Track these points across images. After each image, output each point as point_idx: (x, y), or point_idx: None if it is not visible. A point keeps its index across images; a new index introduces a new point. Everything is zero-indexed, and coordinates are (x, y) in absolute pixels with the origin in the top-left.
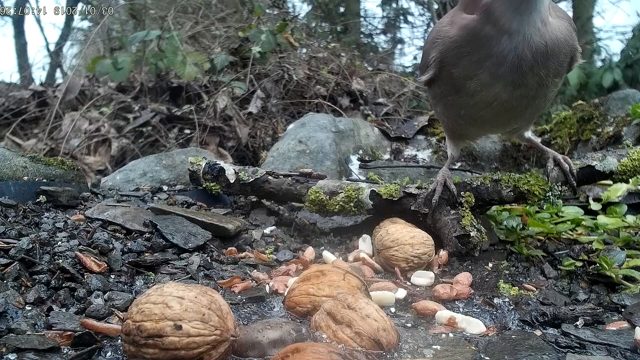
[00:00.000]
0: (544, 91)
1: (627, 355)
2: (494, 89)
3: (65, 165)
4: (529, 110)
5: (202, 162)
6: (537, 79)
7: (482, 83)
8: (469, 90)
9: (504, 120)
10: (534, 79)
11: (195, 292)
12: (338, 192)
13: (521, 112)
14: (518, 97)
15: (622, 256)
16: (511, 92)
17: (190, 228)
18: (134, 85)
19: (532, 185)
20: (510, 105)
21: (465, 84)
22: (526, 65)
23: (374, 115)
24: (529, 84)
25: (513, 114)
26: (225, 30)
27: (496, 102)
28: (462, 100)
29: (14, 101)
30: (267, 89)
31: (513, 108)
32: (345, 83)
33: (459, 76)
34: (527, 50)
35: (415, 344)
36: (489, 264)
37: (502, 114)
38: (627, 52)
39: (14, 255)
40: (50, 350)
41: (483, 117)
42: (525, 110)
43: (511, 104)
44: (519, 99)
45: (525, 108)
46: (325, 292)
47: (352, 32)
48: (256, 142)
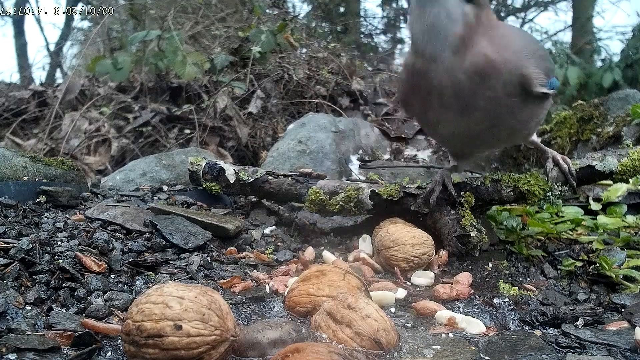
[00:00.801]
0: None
1: (627, 355)
2: (449, 120)
3: (65, 165)
4: (503, 132)
5: (202, 162)
6: (486, 102)
7: (436, 116)
8: (431, 122)
9: (483, 143)
10: (483, 102)
11: (195, 292)
12: (338, 192)
13: (495, 134)
14: (478, 123)
15: (622, 256)
16: (466, 120)
17: (190, 228)
18: (134, 85)
19: (532, 185)
20: (475, 131)
21: (425, 118)
22: (462, 91)
23: (374, 115)
24: (479, 106)
25: (486, 138)
26: (225, 30)
27: (458, 130)
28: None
29: (14, 101)
30: (267, 89)
31: (481, 133)
32: (345, 83)
33: (418, 112)
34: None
35: (415, 344)
36: (489, 264)
37: (475, 140)
38: (627, 52)
39: (14, 255)
40: (50, 350)
41: (460, 142)
42: (499, 132)
43: (475, 130)
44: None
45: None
46: (325, 292)
47: (352, 32)
48: (256, 142)
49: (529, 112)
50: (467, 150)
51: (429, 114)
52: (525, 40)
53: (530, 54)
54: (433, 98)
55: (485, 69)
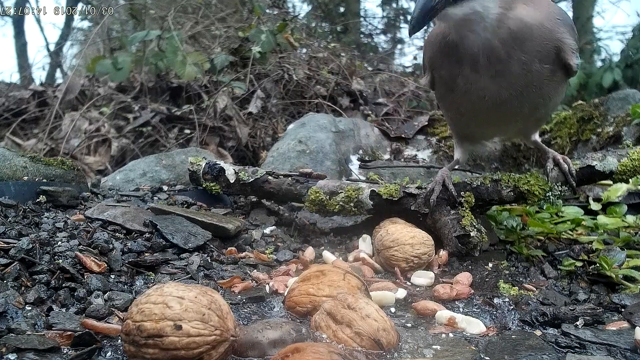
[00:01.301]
0: (534, 81)
1: (627, 355)
2: (481, 83)
3: (65, 165)
4: (526, 105)
5: (202, 162)
6: (519, 65)
7: (467, 79)
8: (459, 88)
9: (503, 116)
10: (516, 65)
11: (195, 292)
12: (338, 192)
13: (519, 107)
14: (508, 88)
15: (622, 256)
16: (498, 83)
17: (190, 228)
18: (134, 85)
19: (532, 185)
20: (503, 98)
21: (454, 82)
22: (499, 52)
23: (374, 115)
24: (512, 70)
25: (510, 109)
26: (225, 30)
27: (487, 95)
28: (458, 99)
29: (14, 101)
30: (267, 89)
31: (507, 101)
32: (345, 83)
33: (447, 76)
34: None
35: (415, 344)
36: (489, 264)
37: (498, 107)
38: (627, 52)
39: (14, 255)
40: (50, 350)
41: (482, 112)
42: (522, 105)
43: (503, 96)
44: (509, 89)
45: (521, 102)
46: (325, 292)
47: (352, 32)
48: (256, 142)
49: (554, 87)
50: (482, 130)
51: (459, 78)
52: (561, 11)
53: (566, 23)
54: (465, 63)
55: (523, 33)
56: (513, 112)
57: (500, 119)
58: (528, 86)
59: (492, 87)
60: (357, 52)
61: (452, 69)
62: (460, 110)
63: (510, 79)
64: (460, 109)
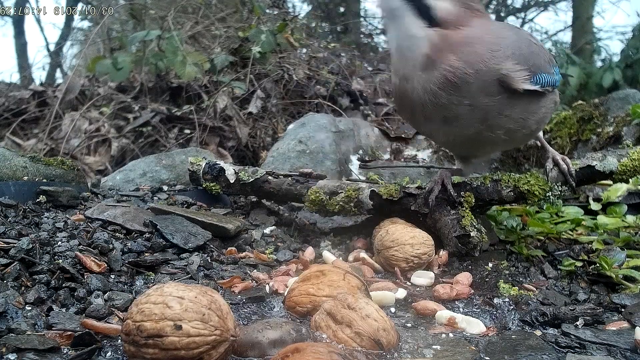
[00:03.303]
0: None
1: (627, 355)
2: (439, 129)
3: (65, 165)
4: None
5: (202, 162)
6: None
7: (427, 127)
8: (426, 133)
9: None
10: (462, 108)
11: (195, 292)
12: (338, 192)
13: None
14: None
15: (622, 256)
16: (454, 128)
17: (190, 228)
18: (134, 85)
19: (532, 185)
20: (468, 134)
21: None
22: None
23: (374, 115)
24: (460, 113)
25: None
26: (225, 30)
27: (455, 137)
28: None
29: (14, 101)
30: (267, 89)
31: (476, 134)
32: (345, 83)
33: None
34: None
35: (415, 344)
36: (489, 264)
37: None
38: (627, 52)
39: (14, 255)
40: (50, 350)
41: (459, 144)
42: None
43: (468, 133)
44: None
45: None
46: (325, 292)
47: (352, 32)
48: (256, 142)
49: (521, 110)
50: (472, 153)
51: (421, 125)
52: (510, 39)
53: (512, 51)
54: (417, 112)
55: (455, 80)
56: (490, 140)
57: (481, 146)
58: (489, 119)
59: (451, 130)
60: (357, 52)
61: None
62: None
63: (465, 121)
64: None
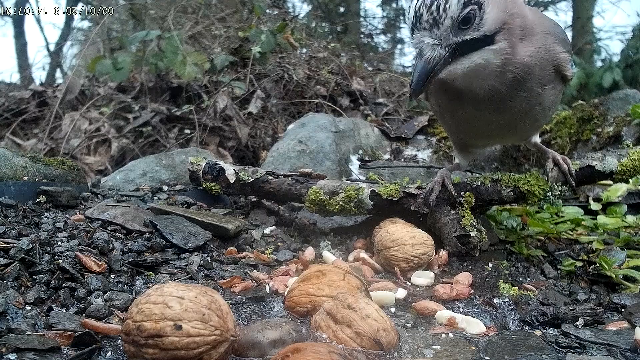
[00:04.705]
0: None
1: (627, 355)
2: (484, 116)
3: (65, 165)
4: (528, 122)
5: (202, 162)
6: (522, 98)
7: (470, 114)
8: (459, 117)
9: (505, 131)
10: (520, 99)
11: (195, 292)
12: (338, 192)
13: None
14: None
15: (622, 256)
16: (502, 114)
17: (190, 228)
18: (134, 85)
19: (532, 185)
20: (506, 122)
21: (454, 113)
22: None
23: (374, 115)
24: (516, 104)
25: (513, 126)
26: (225, 30)
27: (491, 123)
28: (457, 123)
29: (14, 101)
30: (267, 89)
31: (510, 122)
32: (345, 83)
33: (446, 107)
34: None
35: (415, 344)
36: (489, 264)
37: (501, 128)
38: (627, 52)
39: (14, 255)
40: (50, 350)
41: (483, 132)
42: (525, 121)
43: (507, 121)
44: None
45: (524, 120)
46: (325, 292)
47: (352, 32)
48: (256, 142)
49: (554, 98)
50: (482, 141)
51: (460, 112)
52: (552, 24)
53: (557, 37)
54: (468, 102)
55: (526, 73)
56: (515, 128)
57: (502, 134)
58: (532, 108)
59: (496, 117)
60: (357, 52)
61: (453, 104)
62: (460, 128)
63: (514, 109)
64: (460, 127)
